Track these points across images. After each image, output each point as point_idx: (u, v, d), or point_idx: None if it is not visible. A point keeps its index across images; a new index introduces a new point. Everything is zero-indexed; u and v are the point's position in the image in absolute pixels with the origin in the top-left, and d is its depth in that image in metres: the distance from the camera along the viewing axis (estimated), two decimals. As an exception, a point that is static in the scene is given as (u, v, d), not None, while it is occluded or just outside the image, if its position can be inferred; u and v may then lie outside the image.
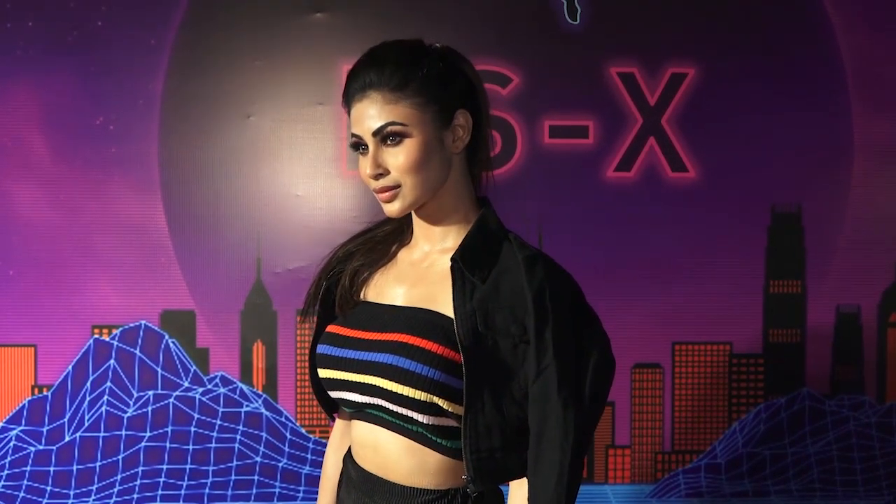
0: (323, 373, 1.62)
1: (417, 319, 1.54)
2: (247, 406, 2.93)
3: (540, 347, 1.47)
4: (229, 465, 2.93)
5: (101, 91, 2.89)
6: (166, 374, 2.93)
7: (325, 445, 2.93)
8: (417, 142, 1.50)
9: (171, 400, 2.93)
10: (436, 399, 1.48)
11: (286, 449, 2.93)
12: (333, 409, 1.75)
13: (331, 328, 1.64)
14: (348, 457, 1.68)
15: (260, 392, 2.94)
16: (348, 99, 1.54)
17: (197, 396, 2.93)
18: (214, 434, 2.93)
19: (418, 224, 1.63)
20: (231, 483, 2.93)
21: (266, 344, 2.93)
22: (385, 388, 1.50)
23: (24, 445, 2.91)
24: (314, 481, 2.92)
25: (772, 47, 2.99)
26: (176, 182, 2.92)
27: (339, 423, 1.82)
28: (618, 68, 2.96)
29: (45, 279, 2.90)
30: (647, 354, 3.02)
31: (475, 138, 1.59)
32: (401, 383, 1.48)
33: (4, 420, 2.90)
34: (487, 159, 1.65)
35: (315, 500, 2.94)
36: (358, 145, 1.54)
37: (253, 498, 2.93)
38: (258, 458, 2.92)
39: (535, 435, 1.49)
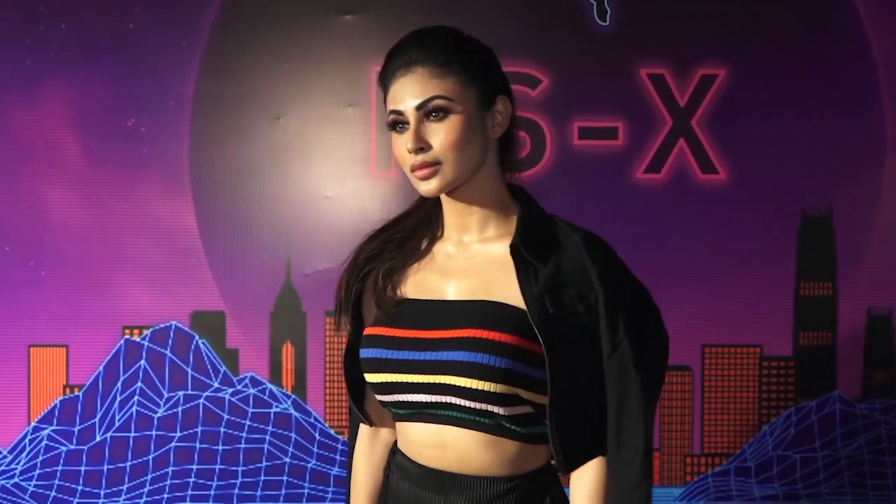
0: (375, 377, 1.57)
1: (481, 312, 1.51)
2: (276, 407, 2.94)
3: (612, 323, 1.49)
4: (258, 465, 2.94)
5: (133, 93, 2.91)
6: (196, 374, 2.95)
7: None
8: (462, 118, 1.49)
9: (201, 400, 2.95)
10: (516, 390, 1.47)
11: (315, 450, 2.94)
12: (367, 415, 1.73)
13: (374, 330, 1.60)
14: (403, 459, 1.63)
15: (289, 393, 2.95)
16: (388, 76, 1.52)
17: (227, 397, 2.95)
18: (244, 434, 2.95)
19: (452, 214, 1.60)
20: (260, 483, 2.94)
21: (295, 345, 2.94)
22: (460, 385, 1.48)
23: (56, 445, 2.93)
24: (342, 482, 2.91)
25: (802, 48, 2.98)
26: (206, 183, 2.94)
27: (364, 430, 1.76)
28: (648, 69, 2.96)
29: (77, 280, 2.92)
30: (677, 357, 2.88)
31: (507, 135, 1.59)
32: (479, 378, 1.47)
33: (36, 420, 2.93)
34: (517, 161, 1.64)
35: (342, 499, 2.97)
36: (396, 123, 1.51)
37: (282, 499, 2.95)
38: (287, 459, 2.93)
39: (615, 409, 1.50)
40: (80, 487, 2.92)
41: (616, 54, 2.95)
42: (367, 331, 1.61)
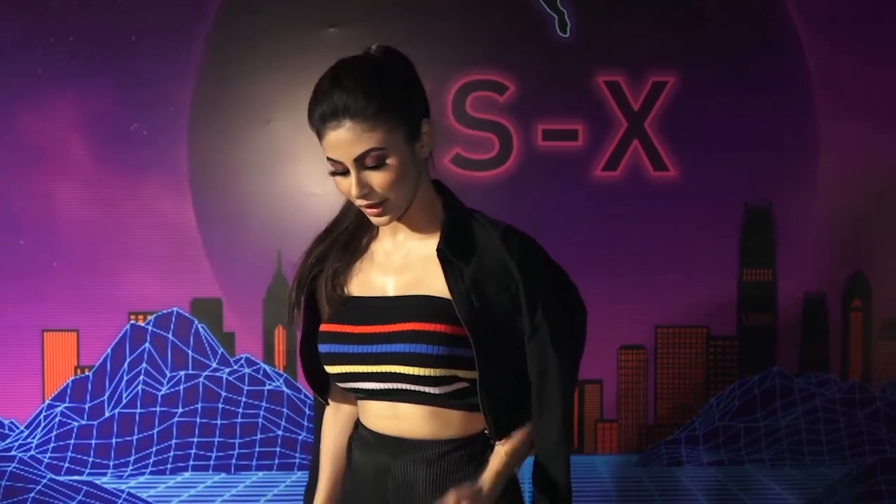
0: (333, 369, 1.61)
1: (418, 306, 1.56)
2: (269, 385, 2.94)
3: (531, 308, 1.54)
4: (254, 437, 2.94)
5: (135, 99, 2.89)
6: (196, 355, 2.94)
7: None
8: (396, 160, 1.48)
9: (201, 379, 2.94)
10: (454, 371, 1.53)
11: (305, 423, 2.94)
12: (327, 395, 1.75)
13: (327, 327, 1.63)
14: (363, 429, 1.67)
15: (281, 372, 2.94)
16: (318, 123, 1.50)
17: (224, 376, 2.94)
18: (240, 410, 2.94)
19: (398, 219, 1.61)
20: (256, 454, 2.94)
21: (286, 328, 2.93)
22: (406, 373, 1.53)
23: (68, 421, 2.91)
24: None
25: (744, 57, 2.97)
26: (204, 182, 2.92)
27: (330, 406, 1.77)
28: (604, 77, 2.96)
29: (86, 270, 2.91)
30: (632, 337, 3.02)
31: (428, 136, 1.57)
32: (420, 366, 1.52)
33: (51, 398, 2.92)
34: (432, 157, 1.64)
35: None
36: (336, 171, 1.50)
37: (276, 468, 2.94)
38: (280, 432, 2.93)
39: (537, 383, 1.56)
40: (90, 459, 2.92)
41: (576, 63, 2.94)
42: (322, 327, 1.63)
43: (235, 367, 2.95)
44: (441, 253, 1.54)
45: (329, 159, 1.51)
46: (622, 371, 3.02)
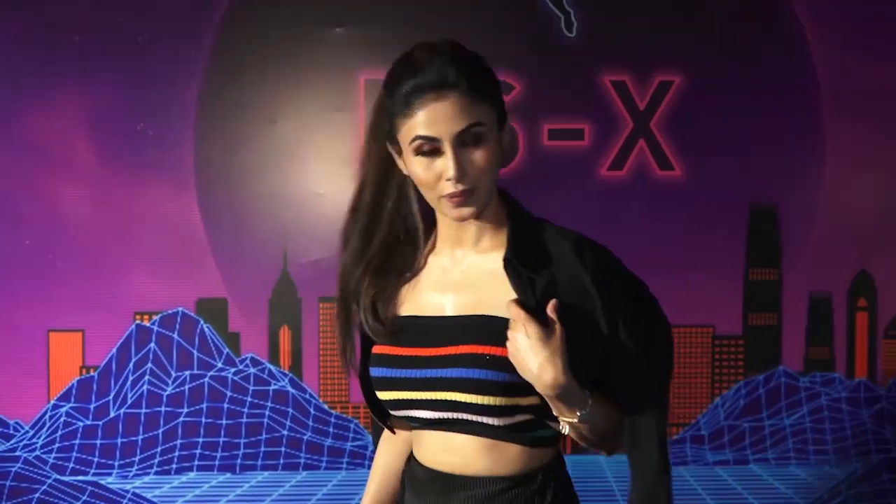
0: (385, 395, 1.47)
1: (477, 327, 1.40)
2: (274, 385, 2.95)
3: (612, 327, 1.38)
4: (259, 437, 2.95)
5: (141, 99, 2.89)
6: (201, 355, 2.95)
7: (345, 420, 2.99)
8: (493, 143, 1.37)
9: (206, 379, 2.95)
10: (516, 400, 1.38)
11: (310, 423, 2.95)
12: (389, 421, 1.58)
13: (380, 349, 1.48)
14: (415, 463, 1.52)
15: (286, 372, 2.95)
16: (415, 97, 1.34)
17: (229, 376, 2.95)
18: (245, 410, 2.95)
19: (449, 227, 1.46)
20: (261, 454, 2.95)
21: (292, 328, 2.94)
22: (462, 400, 1.38)
23: (74, 421, 2.92)
24: (336, 452, 2.96)
25: (751, 57, 2.98)
26: (209, 181, 2.93)
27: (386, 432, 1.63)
28: (611, 77, 2.97)
29: (92, 270, 2.91)
30: None
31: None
32: (479, 394, 1.37)
33: (56, 398, 2.93)
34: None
35: (336, 468, 2.98)
36: (428, 149, 1.35)
37: (281, 468, 2.95)
38: (285, 432, 2.94)
39: (628, 412, 1.40)
40: (95, 459, 2.92)
41: (582, 63, 2.95)
42: (374, 349, 1.49)
43: (241, 367, 2.96)
44: (509, 263, 1.40)
45: (419, 137, 1.34)
46: None
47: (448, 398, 1.39)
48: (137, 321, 2.93)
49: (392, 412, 1.49)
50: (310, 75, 2.92)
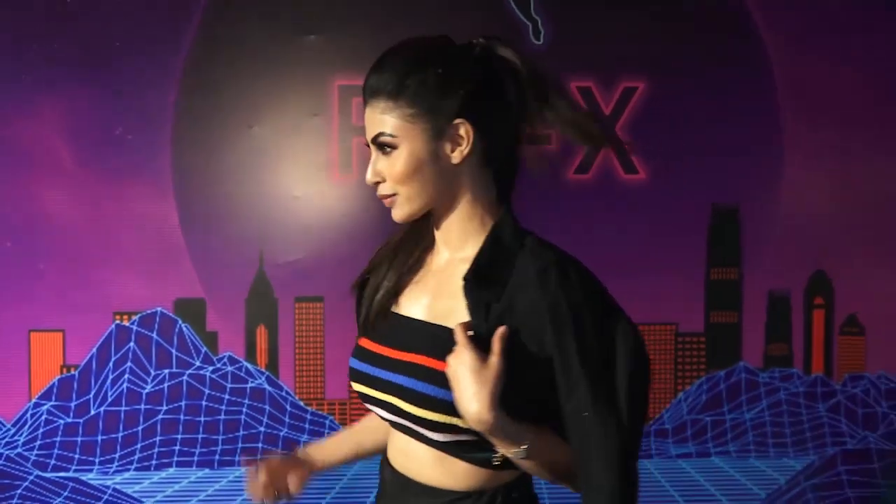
0: (355, 387, 1.44)
1: (435, 338, 1.33)
2: (251, 382, 2.95)
3: (565, 363, 1.26)
4: (237, 434, 2.95)
5: (120, 105, 2.88)
6: (180, 354, 2.94)
7: (321, 416, 2.98)
8: (405, 154, 1.33)
9: (185, 378, 2.94)
10: (454, 420, 1.29)
11: (287, 420, 2.96)
12: None
13: (360, 341, 1.46)
14: (384, 459, 1.49)
15: (263, 370, 2.96)
16: (363, 98, 1.37)
17: (207, 374, 2.95)
18: (223, 407, 2.95)
19: (437, 228, 1.42)
20: (238, 450, 2.95)
21: (268, 328, 2.95)
22: (405, 409, 1.34)
23: (55, 419, 2.91)
24: None
25: (712, 64, 3.01)
26: (187, 185, 2.92)
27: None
28: (577, 82, 2.99)
29: (72, 272, 2.90)
30: None
31: (491, 143, 1.36)
32: (419, 406, 1.31)
33: (37, 396, 2.91)
34: (508, 162, 1.41)
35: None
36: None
37: None
38: (262, 428, 2.94)
39: (580, 455, 1.29)
40: (76, 456, 2.91)
41: (549, 69, 2.98)
42: (358, 341, 1.47)
43: (218, 366, 2.95)
44: (467, 283, 1.33)
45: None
46: None
47: (395, 404, 1.35)
48: (117, 321, 2.92)
49: (364, 404, 1.47)
50: (285, 81, 2.93)
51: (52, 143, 2.89)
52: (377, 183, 1.37)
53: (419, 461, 1.39)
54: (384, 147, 1.34)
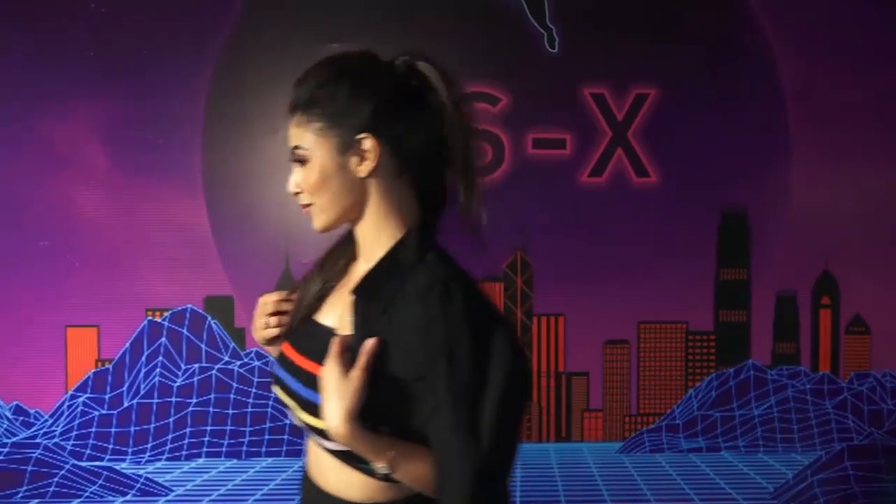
0: (273, 389, 1.45)
1: (326, 346, 1.31)
2: None
3: (433, 383, 1.25)
4: (264, 426, 2.97)
5: (152, 110, 2.93)
6: (209, 349, 2.98)
7: None
8: (314, 166, 1.35)
9: (214, 372, 2.98)
10: None
11: None
12: None
13: (282, 345, 1.45)
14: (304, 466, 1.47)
15: None
16: None
17: (235, 369, 2.98)
18: (251, 400, 2.98)
19: (356, 239, 1.42)
20: (265, 441, 2.98)
21: None
22: (298, 414, 1.36)
23: (90, 410, 2.96)
24: None
25: (721, 71, 3.06)
26: (216, 186, 2.97)
27: None
28: (590, 89, 3.04)
29: (106, 270, 2.95)
30: (616, 332, 3.10)
31: (405, 158, 1.36)
32: (306, 412, 1.33)
33: (73, 389, 2.96)
34: (430, 177, 1.38)
35: None
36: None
37: (284, 454, 2.98)
38: (288, 421, 2.95)
39: (437, 475, 1.27)
40: (110, 446, 2.95)
41: (564, 77, 3.01)
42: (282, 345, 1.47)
43: (246, 360, 2.98)
44: (353, 295, 1.33)
45: None
46: (607, 364, 3.10)
47: (293, 409, 1.37)
48: (149, 317, 2.96)
49: None
50: None
51: (87, 146, 2.95)
52: (297, 193, 1.39)
53: (323, 468, 1.38)
54: (299, 159, 1.36)
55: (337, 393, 1.25)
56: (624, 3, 3.05)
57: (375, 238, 1.38)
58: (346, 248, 1.46)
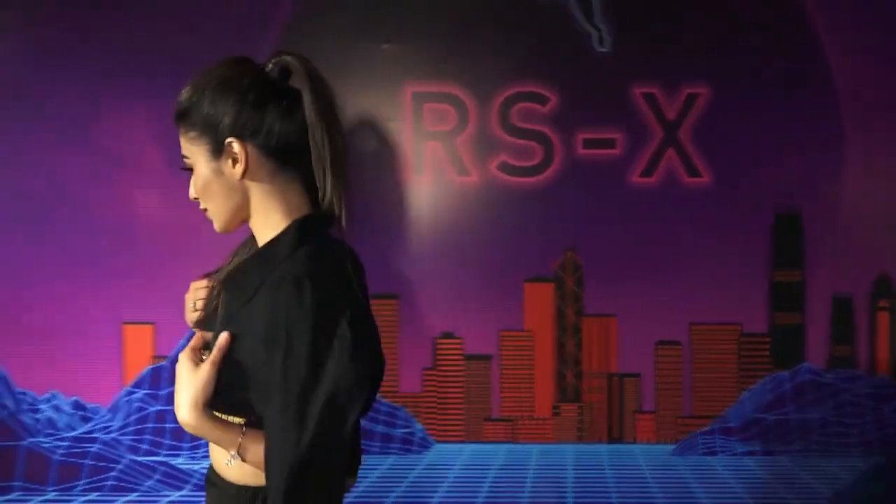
0: None
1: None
2: None
3: (272, 375, 1.30)
4: None
5: None
6: None
7: (395, 408, 3.03)
8: (198, 174, 1.42)
9: None
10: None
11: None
12: None
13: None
14: None
15: None
16: None
17: None
18: None
19: (255, 236, 1.49)
20: None
21: None
22: None
23: (146, 406, 2.99)
24: (386, 438, 3.03)
25: (773, 69, 3.01)
26: None
27: None
28: (641, 89, 3.03)
29: (161, 269, 2.98)
30: (669, 333, 3.08)
31: (282, 157, 1.40)
32: None
33: (130, 384, 3.00)
34: (311, 172, 1.40)
35: (387, 453, 2.98)
36: None
37: None
38: None
39: (265, 461, 1.32)
40: (166, 441, 2.98)
41: (614, 76, 3.00)
42: None
43: None
44: (221, 286, 1.42)
45: None
46: (659, 365, 3.08)
47: None
48: None
49: None
50: (360, 88, 3.00)
51: (144, 147, 2.98)
52: (196, 199, 1.45)
53: (213, 450, 1.47)
54: (187, 168, 1.44)
55: (186, 384, 1.33)
56: (674, 1, 3.04)
57: (265, 234, 1.43)
58: (252, 244, 1.50)
